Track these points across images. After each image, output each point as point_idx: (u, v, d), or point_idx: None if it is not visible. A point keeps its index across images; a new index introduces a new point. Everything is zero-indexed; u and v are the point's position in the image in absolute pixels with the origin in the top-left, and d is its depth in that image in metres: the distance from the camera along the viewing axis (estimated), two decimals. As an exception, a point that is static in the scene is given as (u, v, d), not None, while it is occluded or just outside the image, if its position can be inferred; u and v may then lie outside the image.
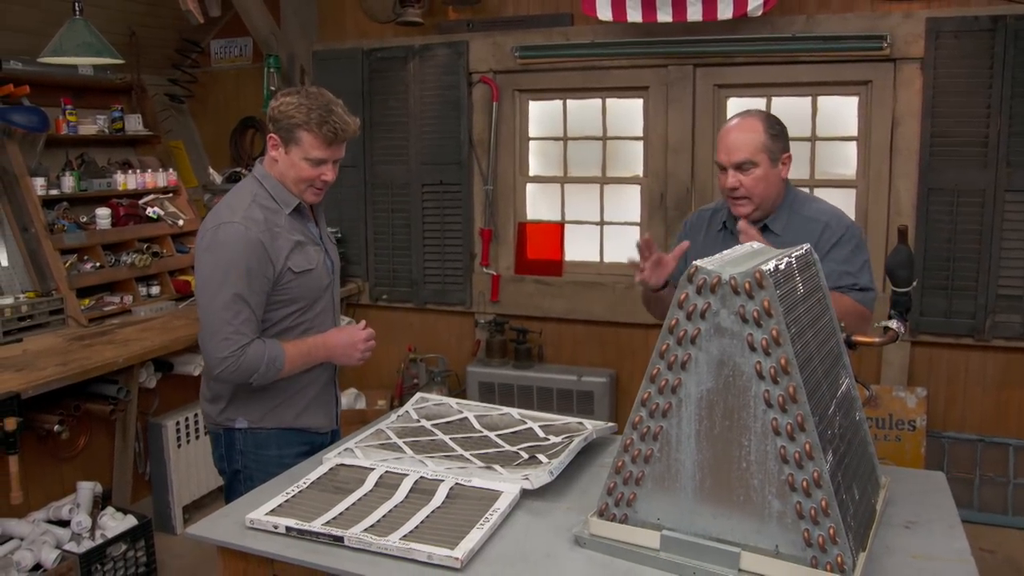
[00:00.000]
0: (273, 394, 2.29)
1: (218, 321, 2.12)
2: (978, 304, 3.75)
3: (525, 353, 4.59)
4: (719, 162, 2.29)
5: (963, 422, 3.93)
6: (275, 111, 2.16)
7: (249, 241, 2.12)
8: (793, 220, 2.29)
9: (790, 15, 3.92)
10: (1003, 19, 3.58)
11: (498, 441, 2.26)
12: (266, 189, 2.23)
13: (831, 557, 1.45)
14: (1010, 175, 3.66)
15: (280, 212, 2.22)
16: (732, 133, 2.27)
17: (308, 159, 2.16)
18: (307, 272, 2.26)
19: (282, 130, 2.16)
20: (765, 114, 2.32)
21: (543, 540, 1.73)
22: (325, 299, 2.37)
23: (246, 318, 2.13)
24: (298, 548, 1.72)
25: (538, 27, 4.40)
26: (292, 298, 2.25)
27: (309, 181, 2.21)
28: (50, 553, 2.97)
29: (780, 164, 2.26)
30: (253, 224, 2.15)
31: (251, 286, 2.13)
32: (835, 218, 2.29)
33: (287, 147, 2.17)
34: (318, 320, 2.35)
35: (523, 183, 4.72)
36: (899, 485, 1.95)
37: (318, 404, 2.41)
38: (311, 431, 2.41)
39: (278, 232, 2.19)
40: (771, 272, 1.48)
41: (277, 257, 2.17)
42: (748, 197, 2.25)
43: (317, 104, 2.13)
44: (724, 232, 2.39)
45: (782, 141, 2.27)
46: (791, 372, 1.45)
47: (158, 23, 4.72)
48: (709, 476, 1.56)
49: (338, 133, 2.15)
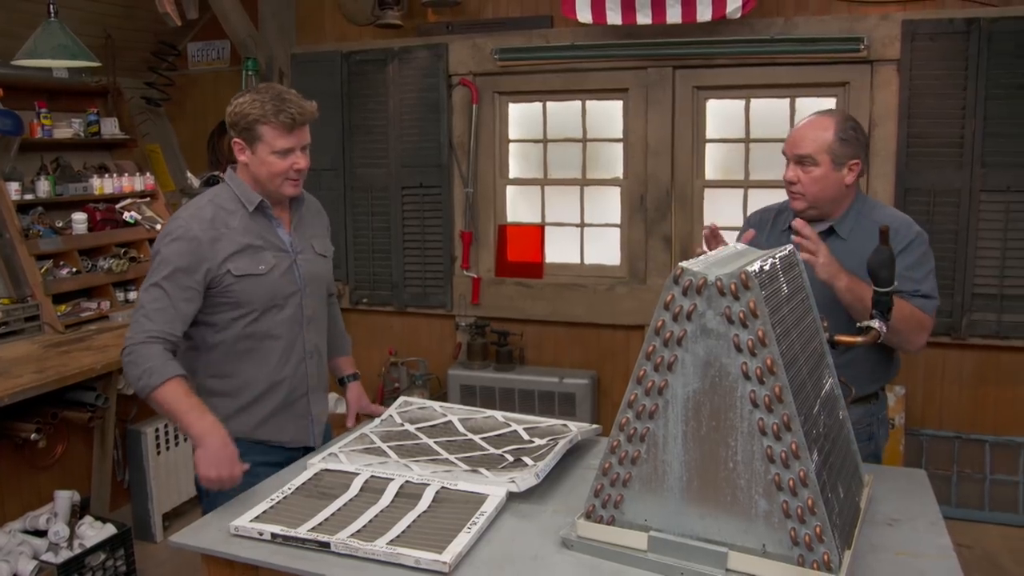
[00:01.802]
0: (227, 401, 2.21)
1: (138, 306, 2.12)
2: (955, 303, 3.80)
3: (506, 355, 4.59)
4: (784, 152, 2.27)
5: (940, 420, 3.98)
6: (232, 116, 2.15)
7: (185, 236, 2.11)
8: (860, 224, 2.25)
9: (768, 17, 3.95)
10: (977, 22, 3.63)
11: (483, 444, 2.25)
12: (231, 189, 2.22)
13: (818, 555, 1.46)
14: (985, 175, 3.71)
15: (236, 213, 2.19)
16: (803, 127, 2.24)
17: (275, 152, 2.14)
18: (252, 277, 2.17)
19: (243, 131, 2.15)
20: (844, 116, 2.26)
21: (530, 543, 1.73)
22: (288, 309, 2.25)
23: (161, 307, 2.07)
24: (284, 555, 1.71)
25: (518, 29, 4.40)
26: (236, 302, 2.17)
27: (283, 174, 2.17)
28: (27, 564, 2.92)
29: (845, 169, 2.21)
30: (197, 222, 2.13)
31: (175, 279, 2.09)
32: (904, 224, 2.24)
33: (252, 147, 2.16)
34: (279, 331, 2.24)
35: (503, 185, 4.72)
36: (881, 483, 1.97)
37: (284, 418, 2.30)
38: (274, 444, 2.30)
39: (224, 233, 2.15)
40: (756, 273, 1.48)
41: (214, 257, 2.12)
42: (803, 194, 2.23)
43: (269, 96, 2.12)
44: (789, 232, 2.31)
45: (853, 147, 2.20)
46: (777, 372, 1.45)
47: (134, 25, 4.67)
48: (696, 477, 1.56)
49: (296, 118, 2.12)
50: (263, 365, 2.24)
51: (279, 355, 2.25)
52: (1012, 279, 3.73)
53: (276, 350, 2.25)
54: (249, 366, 2.23)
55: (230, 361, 2.22)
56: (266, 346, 2.23)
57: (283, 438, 2.31)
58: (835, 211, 2.28)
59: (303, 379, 2.32)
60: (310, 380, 2.34)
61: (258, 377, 2.24)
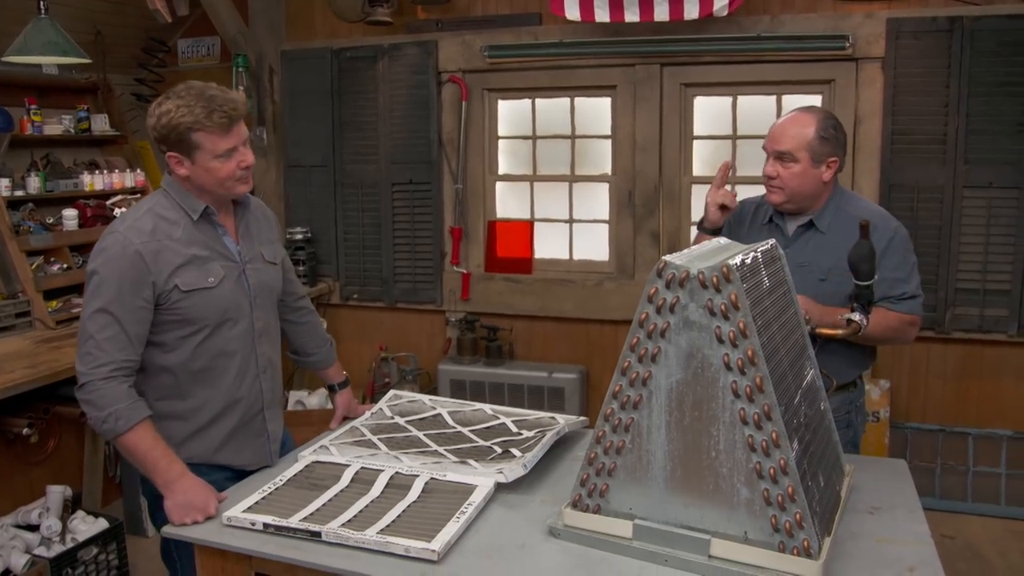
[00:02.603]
0: (180, 425, 2.06)
1: (83, 334, 1.93)
2: (938, 298, 3.85)
3: (496, 350, 4.62)
4: (764, 147, 2.32)
5: (925, 413, 4.04)
6: (159, 128, 1.95)
7: (125, 252, 1.92)
8: (839, 218, 2.30)
9: (755, 15, 3.99)
10: (960, 20, 3.68)
11: (471, 436, 2.28)
12: (170, 197, 2.04)
13: (798, 542, 1.50)
14: (968, 172, 3.76)
15: (179, 223, 2.01)
16: (784, 124, 2.28)
17: (218, 156, 1.97)
18: (201, 291, 2.01)
19: (176, 143, 1.95)
20: (825, 115, 2.30)
21: (518, 532, 1.76)
22: (240, 325, 2.11)
23: (111, 335, 1.91)
24: (276, 544, 1.73)
25: (507, 27, 4.43)
26: (185, 319, 2.01)
27: (231, 176, 2.01)
28: (20, 558, 2.94)
29: (824, 167, 2.25)
30: (136, 234, 1.95)
31: (121, 299, 1.91)
32: (882, 219, 2.28)
33: (191, 157, 1.97)
34: (233, 346, 2.09)
35: (493, 182, 4.75)
36: (862, 472, 2.01)
37: (241, 439, 2.16)
38: (234, 468, 2.17)
39: (168, 245, 1.98)
40: (738, 266, 1.52)
41: (159, 272, 1.95)
42: (781, 188, 2.27)
43: (194, 98, 1.92)
44: (770, 225, 2.40)
45: (832, 145, 2.25)
46: (758, 363, 1.49)
47: (124, 22, 4.67)
48: (679, 466, 1.60)
49: (230, 115, 1.94)
50: (218, 384, 2.10)
51: (234, 373, 2.11)
52: (994, 274, 3.78)
53: (231, 368, 2.11)
54: (203, 387, 2.08)
55: (183, 383, 2.06)
56: (220, 364, 2.09)
57: (242, 461, 2.17)
58: (814, 205, 2.32)
59: (258, 396, 2.18)
60: (265, 396, 2.20)
61: (214, 397, 2.09)
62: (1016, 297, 3.76)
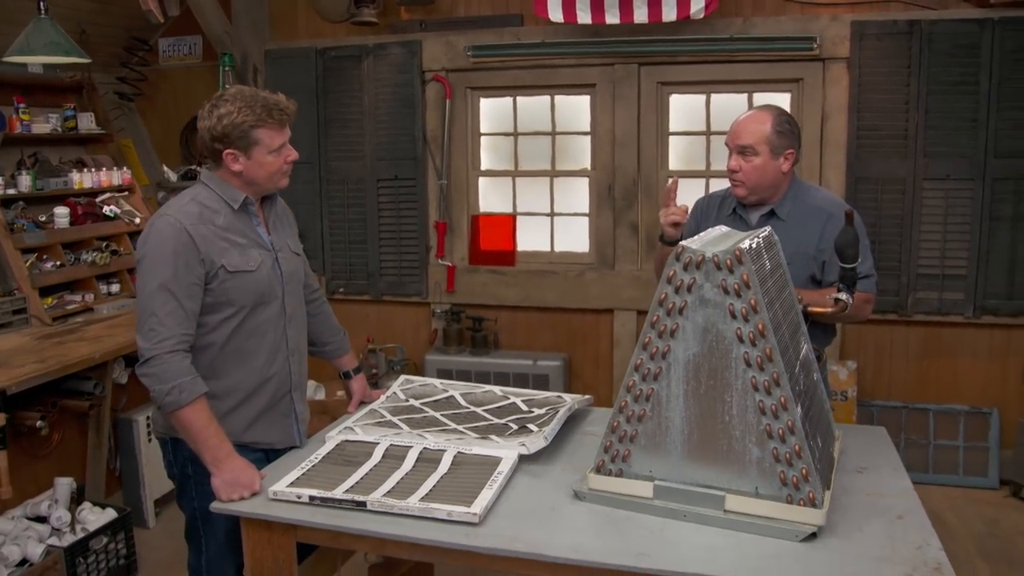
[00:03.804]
0: (215, 403, 2.13)
1: (144, 312, 2.05)
2: (901, 283, 4.11)
3: (481, 340, 4.77)
4: (726, 143, 2.49)
5: (889, 391, 4.30)
6: (220, 129, 2.12)
7: (177, 232, 2.07)
8: (797, 208, 2.48)
9: (728, 18, 4.20)
10: (919, 23, 3.93)
11: (486, 416, 2.44)
12: (211, 189, 2.20)
13: (804, 494, 1.69)
14: (927, 165, 4.02)
15: (220, 212, 2.17)
16: (744, 120, 2.47)
17: (272, 151, 2.16)
18: (244, 273, 2.16)
19: (237, 141, 2.13)
20: (779, 111, 2.48)
21: (546, 497, 1.93)
22: (273, 308, 2.25)
23: (171, 310, 2.03)
24: (323, 515, 1.87)
25: (490, 27, 4.57)
26: (228, 300, 2.15)
27: (280, 170, 2.21)
28: (36, 547, 3.01)
29: (782, 158, 2.44)
30: (185, 216, 2.10)
31: (177, 277, 2.05)
32: (836, 206, 2.46)
33: (248, 152, 2.15)
34: (265, 328, 2.23)
35: (476, 177, 4.89)
36: (848, 439, 2.22)
37: (272, 418, 2.29)
38: (262, 447, 2.28)
39: (212, 229, 2.13)
40: (748, 250, 1.70)
41: (208, 252, 2.10)
42: (743, 182, 2.45)
43: (252, 100, 2.13)
44: (734, 216, 2.56)
45: (788, 139, 2.43)
46: (767, 336, 1.68)
47: (107, 21, 4.70)
48: (696, 430, 1.78)
49: (287, 112, 2.17)
50: (251, 364, 2.22)
51: (266, 353, 2.24)
52: (952, 260, 4.06)
53: (263, 347, 2.24)
54: (237, 366, 2.21)
55: (218, 362, 2.18)
56: (253, 344, 2.22)
57: (271, 439, 2.29)
58: (774, 196, 2.52)
59: (287, 377, 2.31)
60: (293, 377, 2.33)
61: (247, 377, 2.22)
62: (972, 281, 4.04)
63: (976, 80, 3.91)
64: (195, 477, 2.19)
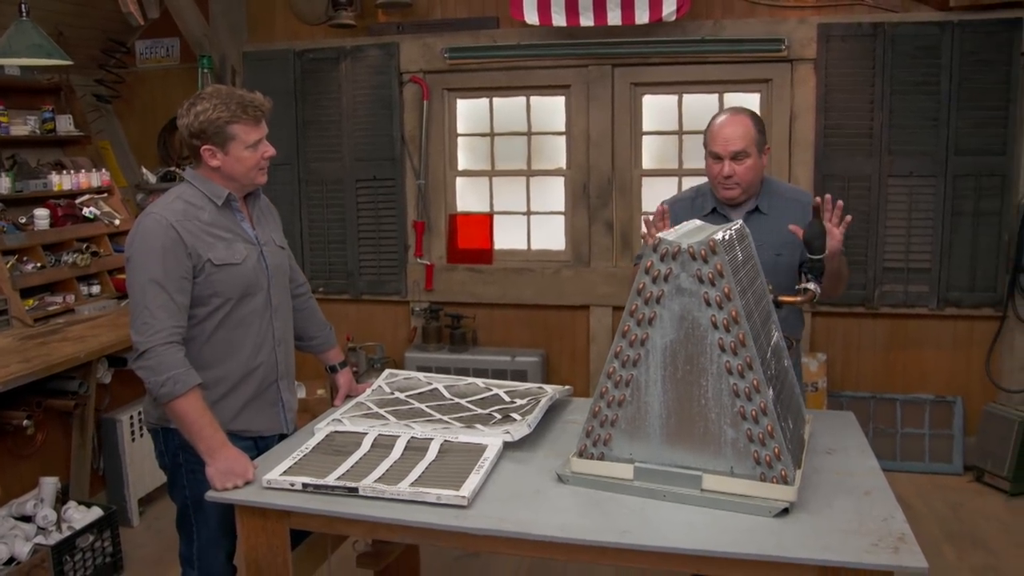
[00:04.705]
0: (204, 392, 2.17)
1: (136, 307, 2.12)
2: (868, 277, 4.25)
3: (460, 337, 4.85)
4: (715, 152, 2.53)
5: (858, 382, 4.44)
6: (197, 125, 2.18)
7: (163, 228, 2.13)
8: (774, 201, 2.60)
9: (699, 20, 4.32)
10: (882, 26, 4.08)
11: (470, 406, 2.51)
12: (195, 186, 2.26)
13: (776, 472, 1.78)
14: (891, 163, 4.16)
15: (205, 208, 2.24)
16: (728, 127, 2.52)
17: (248, 146, 2.22)
18: (230, 266, 2.23)
19: (214, 136, 2.19)
20: (751, 112, 2.59)
21: (530, 481, 2.01)
22: (259, 299, 2.32)
23: (162, 303, 2.10)
24: (317, 501, 1.94)
25: (466, 29, 4.65)
26: (215, 292, 2.22)
27: (257, 165, 2.27)
28: (23, 546, 3.03)
29: (763, 155, 2.56)
30: (170, 213, 2.17)
31: (167, 272, 2.11)
32: (805, 195, 2.63)
33: (224, 148, 2.21)
34: (251, 319, 2.31)
35: (453, 177, 4.96)
36: (817, 423, 2.32)
37: (259, 406, 2.36)
38: (250, 435, 2.35)
39: (197, 225, 2.20)
40: (722, 241, 1.79)
41: (194, 246, 2.17)
42: (739, 184, 2.53)
43: (228, 97, 2.19)
44: (714, 215, 2.63)
45: (764, 136, 2.56)
46: (740, 322, 1.77)
47: (85, 23, 4.72)
48: (673, 414, 1.87)
49: (261, 109, 2.24)
50: (238, 355, 2.29)
51: (252, 343, 2.31)
52: (916, 254, 4.21)
53: (250, 338, 2.31)
54: (225, 356, 2.27)
55: (205, 353, 2.24)
56: (240, 335, 2.29)
57: (258, 427, 2.36)
58: (755, 193, 2.62)
59: (273, 367, 2.38)
60: (279, 367, 2.40)
61: (234, 367, 2.29)
62: (935, 275, 4.19)
63: (937, 80, 4.06)
64: (186, 465, 2.26)
